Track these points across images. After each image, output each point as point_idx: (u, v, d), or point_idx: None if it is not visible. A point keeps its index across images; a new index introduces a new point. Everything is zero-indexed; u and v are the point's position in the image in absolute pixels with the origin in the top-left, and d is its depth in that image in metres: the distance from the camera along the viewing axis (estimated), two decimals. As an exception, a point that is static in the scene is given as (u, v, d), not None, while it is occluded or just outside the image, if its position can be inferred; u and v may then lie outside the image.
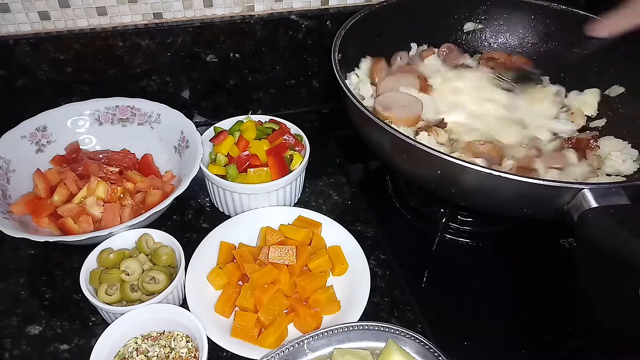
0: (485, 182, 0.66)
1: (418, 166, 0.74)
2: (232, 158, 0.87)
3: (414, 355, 0.65)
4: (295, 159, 0.87)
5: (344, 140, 1.08)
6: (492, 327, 0.76)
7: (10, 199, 0.80)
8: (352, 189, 0.97)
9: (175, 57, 1.00)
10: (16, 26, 0.91)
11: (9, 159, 0.84)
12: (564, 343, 0.75)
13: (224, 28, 0.99)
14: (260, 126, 0.93)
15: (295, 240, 0.79)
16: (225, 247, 0.79)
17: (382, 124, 0.71)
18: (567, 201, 0.64)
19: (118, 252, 0.74)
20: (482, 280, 0.83)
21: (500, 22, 1.04)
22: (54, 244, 0.72)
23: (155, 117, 0.94)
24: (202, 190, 0.92)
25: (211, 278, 0.76)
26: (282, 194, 0.87)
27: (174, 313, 0.68)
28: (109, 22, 0.95)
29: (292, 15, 1.02)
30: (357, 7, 1.04)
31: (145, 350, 0.66)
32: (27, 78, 0.95)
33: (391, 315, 0.76)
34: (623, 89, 0.91)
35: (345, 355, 0.64)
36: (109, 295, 0.70)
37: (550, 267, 0.84)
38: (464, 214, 0.91)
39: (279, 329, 0.69)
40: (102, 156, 0.90)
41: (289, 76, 1.11)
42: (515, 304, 0.79)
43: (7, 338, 0.71)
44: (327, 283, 0.76)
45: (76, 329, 0.73)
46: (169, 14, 0.97)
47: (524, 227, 0.90)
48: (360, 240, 0.81)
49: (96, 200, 0.80)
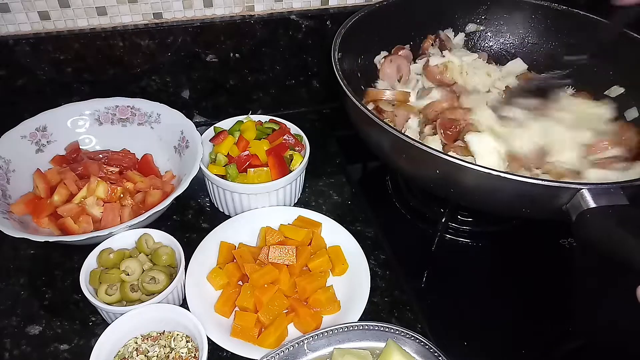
0: (484, 182, 0.66)
1: (418, 166, 0.74)
2: (232, 158, 0.87)
3: (414, 355, 0.65)
4: (295, 159, 0.87)
5: (344, 140, 1.08)
6: (492, 327, 0.76)
7: (10, 199, 0.81)
8: (352, 189, 0.97)
9: (175, 57, 1.00)
10: (16, 26, 0.91)
11: (9, 159, 0.84)
12: (564, 343, 0.75)
13: (224, 28, 0.99)
14: (260, 126, 0.93)
15: (295, 240, 0.79)
16: (225, 247, 0.79)
17: (382, 123, 0.71)
18: (565, 201, 0.64)
19: (118, 252, 0.74)
20: (482, 280, 0.83)
21: (501, 22, 1.04)
22: (54, 244, 0.72)
23: (155, 117, 0.94)
24: (202, 190, 0.92)
25: (211, 278, 0.76)
26: (282, 194, 0.87)
27: (174, 313, 0.68)
28: (109, 22, 0.95)
29: (292, 15, 1.02)
30: (357, 7, 1.04)
31: (145, 350, 0.66)
32: (27, 78, 0.95)
33: (391, 315, 0.76)
34: (623, 89, 0.91)
35: (345, 355, 0.64)
36: (109, 295, 0.70)
37: (550, 267, 0.84)
38: (464, 214, 0.91)
39: (279, 329, 0.69)
40: (102, 156, 0.90)
41: (289, 76, 1.11)
42: (515, 304, 0.79)
43: (7, 338, 0.71)
44: (327, 283, 0.76)
45: (76, 329, 0.73)
46: (169, 14, 0.97)
47: (524, 227, 0.90)
48: (360, 240, 0.81)
49: (96, 200, 0.80)
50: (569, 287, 0.81)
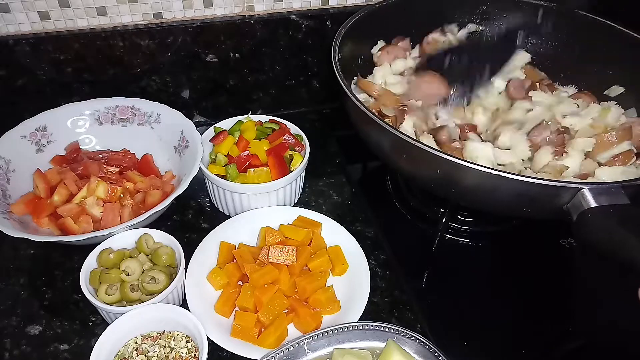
0: (484, 181, 0.66)
1: (418, 166, 0.74)
2: (232, 158, 0.87)
3: (414, 355, 0.65)
4: (295, 159, 0.87)
5: (344, 140, 1.08)
6: (492, 327, 0.76)
7: (10, 199, 0.81)
8: (352, 189, 0.97)
9: (175, 57, 1.00)
10: (16, 26, 0.91)
11: (9, 159, 0.84)
12: (564, 343, 0.75)
13: (224, 28, 0.99)
14: (260, 126, 0.93)
15: (295, 240, 0.79)
16: (225, 247, 0.79)
17: (382, 123, 0.71)
18: (566, 201, 0.64)
19: (118, 252, 0.74)
20: (482, 280, 0.83)
21: (501, 22, 1.04)
22: (54, 244, 0.72)
23: (155, 117, 0.94)
24: (202, 190, 0.92)
25: (211, 278, 0.76)
26: (282, 194, 0.87)
27: (174, 313, 0.68)
28: (109, 22, 0.95)
29: (292, 15, 1.02)
30: (357, 7, 1.04)
31: (145, 350, 0.66)
32: (27, 78, 0.95)
33: (391, 315, 0.76)
34: (623, 89, 0.91)
35: (345, 355, 0.64)
36: (109, 295, 0.70)
37: (550, 267, 0.84)
38: (464, 214, 0.91)
39: (279, 329, 0.69)
40: (102, 156, 0.90)
41: (289, 76, 1.11)
42: (515, 304, 0.79)
43: (7, 338, 0.71)
44: (327, 283, 0.76)
45: (76, 329, 0.73)
46: (169, 14, 0.97)
47: (524, 227, 0.90)
48: (360, 240, 0.81)
49: (96, 200, 0.80)
50: (569, 287, 0.81)
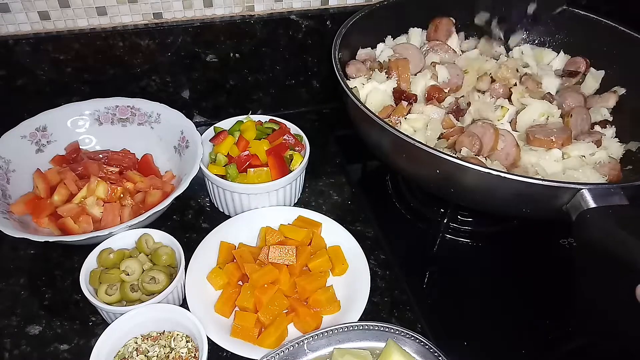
0: (484, 181, 0.66)
1: (418, 166, 0.74)
2: (232, 158, 0.87)
3: (414, 355, 0.65)
4: (295, 159, 0.87)
5: (344, 140, 1.08)
6: (492, 327, 0.76)
7: (10, 199, 0.81)
8: (352, 189, 0.97)
9: (175, 57, 1.00)
10: (16, 26, 0.91)
11: (9, 159, 0.84)
12: (564, 343, 0.75)
13: (224, 28, 0.99)
14: (260, 126, 0.93)
15: (295, 240, 0.79)
16: (225, 247, 0.79)
17: (382, 123, 0.71)
18: (565, 201, 0.64)
19: (118, 252, 0.74)
20: (482, 280, 0.83)
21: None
22: (54, 244, 0.72)
23: (155, 117, 0.94)
24: (202, 190, 0.92)
25: (211, 278, 0.76)
26: (282, 194, 0.87)
27: (174, 313, 0.68)
28: (109, 22, 0.95)
29: (292, 15, 1.02)
30: (357, 7, 1.04)
31: (145, 350, 0.66)
32: (27, 78, 0.95)
33: (391, 315, 0.76)
34: (624, 90, 0.91)
35: (345, 355, 0.64)
36: (109, 295, 0.70)
37: (550, 267, 0.84)
38: (464, 214, 0.91)
39: (279, 329, 0.69)
40: (102, 156, 0.90)
41: (289, 76, 1.11)
42: (515, 304, 0.79)
43: (7, 338, 0.71)
44: (327, 283, 0.76)
45: (76, 329, 0.73)
46: (169, 14, 0.97)
47: (523, 227, 0.90)
48: (360, 240, 0.81)
49: (96, 200, 0.80)
50: (569, 287, 0.81)
